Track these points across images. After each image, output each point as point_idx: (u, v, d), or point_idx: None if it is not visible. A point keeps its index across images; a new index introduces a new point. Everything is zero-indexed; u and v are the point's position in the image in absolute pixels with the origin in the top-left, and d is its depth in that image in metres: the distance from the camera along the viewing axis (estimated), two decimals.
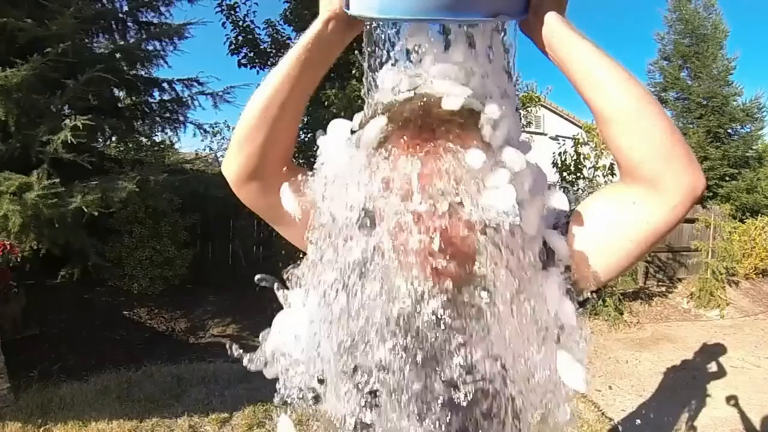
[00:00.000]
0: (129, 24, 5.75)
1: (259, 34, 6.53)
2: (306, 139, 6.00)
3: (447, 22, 0.76)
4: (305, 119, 5.79)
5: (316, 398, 0.92)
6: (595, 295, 0.80)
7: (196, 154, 10.43)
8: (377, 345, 0.75)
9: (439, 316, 0.73)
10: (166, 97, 5.97)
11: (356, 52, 0.84)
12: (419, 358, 0.75)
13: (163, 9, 5.80)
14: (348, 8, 0.74)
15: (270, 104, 0.80)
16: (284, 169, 0.89)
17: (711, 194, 12.38)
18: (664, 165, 0.68)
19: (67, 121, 4.06)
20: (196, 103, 6.03)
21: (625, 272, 0.71)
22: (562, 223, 0.83)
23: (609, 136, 0.72)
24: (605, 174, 7.68)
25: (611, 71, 0.70)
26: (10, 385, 3.56)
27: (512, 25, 0.77)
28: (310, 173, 0.83)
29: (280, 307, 0.92)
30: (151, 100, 5.97)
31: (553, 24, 0.72)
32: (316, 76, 0.84)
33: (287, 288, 0.89)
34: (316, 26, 0.78)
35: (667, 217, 0.70)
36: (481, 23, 0.75)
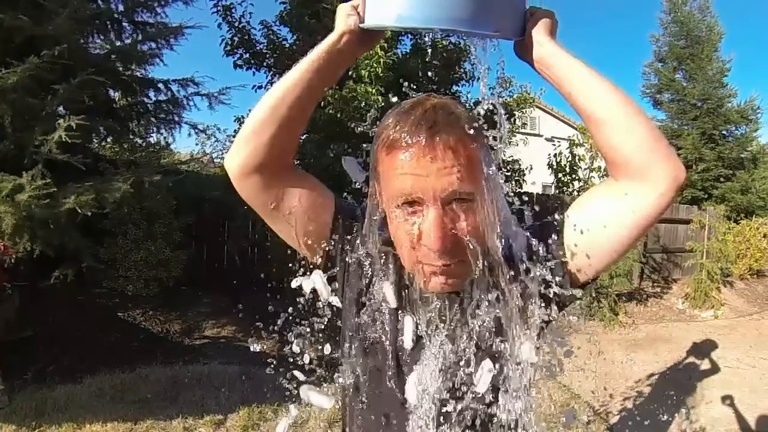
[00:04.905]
0: (124, 24, 5.72)
1: (255, 36, 6.53)
2: (301, 140, 5.99)
3: (456, 33, 0.83)
4: None
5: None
6: (587, 298, 0.85)
7: (191, 156, 10.42)
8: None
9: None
10: (161, 97, 5.95)
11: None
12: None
13: (158, 9, 5.78)
14: (362, 23, 0.83)
15: (280, 104, 0.86)
16: (285, 168, 0.94)
17: (706, 195, 12.44)
18: (650, 157, 0.78)
19: (61, 121, 4.04)
20: (191, 103, 6.02)
21: (619, 260, 0.77)
22: (558, 222, 0.89)
23: (602, 137, 0.81)
24: (601, 175, 7.71)
25: (601, 83, 0.80)
26: (4, 387, 3.55)
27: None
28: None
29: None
30: (147, 101, 5.94)
31: (548, 46, 0.82)
32: (324, 83, 0.91)
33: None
34: (330, 38, 0.85)
35: (656, 202, 0.79)
36: (482, 38, 0.82)
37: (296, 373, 0.98)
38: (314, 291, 0.96)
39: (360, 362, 0.94)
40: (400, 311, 0.91)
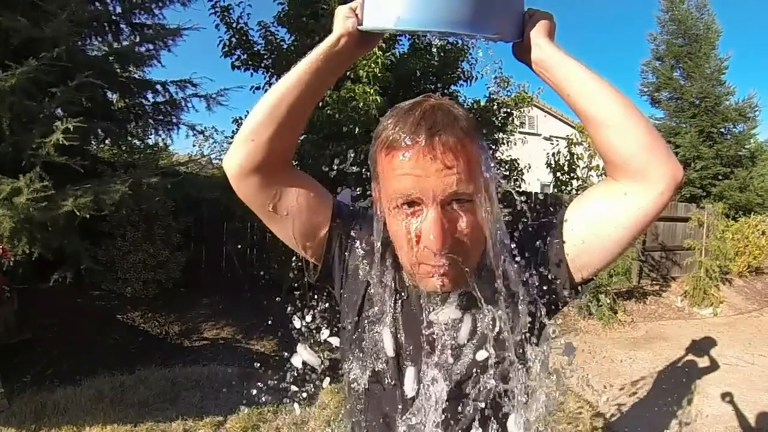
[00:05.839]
0: (122, 26, 5.71)
1: (253, 37, 6.51)
2: (299, 140, 5.99)
3: (454, 35, 0.84)
4: None
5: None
6: (587, 296, 0.87)
7: (189, 157, 10.39)
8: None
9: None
10: (159, 99, 5.93)
11: None
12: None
13: (156, 11, 5.76)
14: (361, 25, 0.83)
15: (279, 104, 0.87)
16: (283, 168, 0.95)
17: (704, 193, 12.47)
18: (649, 157, 0.79)
19: (59, 123, 4.03)
20: (189, 105, 6.00)
21: (618, 258, 0.81)
22: (556, 221, 0.90)
23: (601, 138, 0.82)
24: (599, 174, 7.71)
25: (600, 85, 0.81)
26: (4, 391, 3.54)
27: None
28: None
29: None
30: (145, 103, 5.93)
31: (548, 49, 0.82)
32: (323, 84, 0.92)
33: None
34: (329, 40, 0.85)
35: (655, 202, 0.80)
36: (482, 40, 0.83)
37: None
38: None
39: (358, 367, 0.94)
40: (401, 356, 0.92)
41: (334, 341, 1.01)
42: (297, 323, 1.01)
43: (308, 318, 1.02)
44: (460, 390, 0.87)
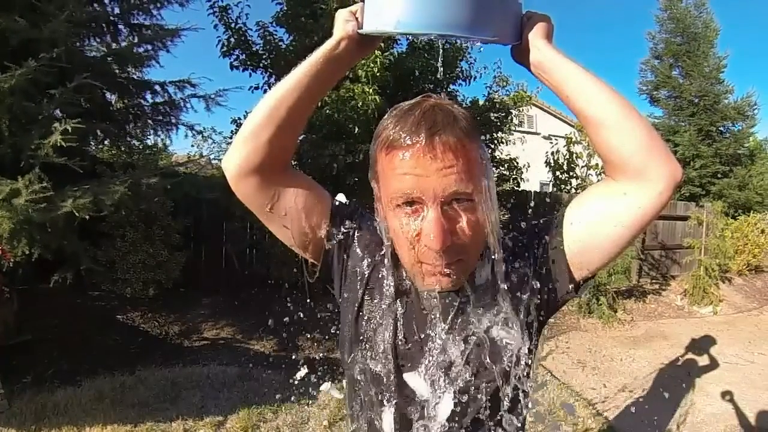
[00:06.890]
0: (120, 27, 5.70)
1: (251, 37, 6.51)
2: (298, 140, 5.98)
3: (453, 38, 0.83)
4: None
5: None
6: (586, 295, 0.88)
7: (188, 157, 10.39)
8: None
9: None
10: (158, 99, 5.93)
11: None
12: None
13: (154, 12, 5.76)
14: (360, 28, 0.84)
15: (278, 106, 0.87)
16: (282, 169, 0.95)
17: (703, 192, 12.47)
18: (648, 157, 0.79)
19: (57, 124, 4.03)
20: (188, 105, 5.99)
21: (617, 258, 0.82)
22: (556, 221, 0.91)
23: (600, 139, 0.82)
24: (598, 173, 7.71)
25: (598, 86, 0.81)
26: (4, 391, 3.54)
27: None
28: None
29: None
30: (144, 103, 5.92)
31: (546, 51, 0.83)
32: (323, 87, 0.93)
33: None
34: (329, 44, 0.86)
35: (654, 201, 0.80)
36: (480, 42, 0.84)
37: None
38: None
39: (358, 365, 0.95)
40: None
41: (335, 393, 1.02)
42: (300, 373, 1.02)
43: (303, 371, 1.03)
44: (461, 403, 0.88)
